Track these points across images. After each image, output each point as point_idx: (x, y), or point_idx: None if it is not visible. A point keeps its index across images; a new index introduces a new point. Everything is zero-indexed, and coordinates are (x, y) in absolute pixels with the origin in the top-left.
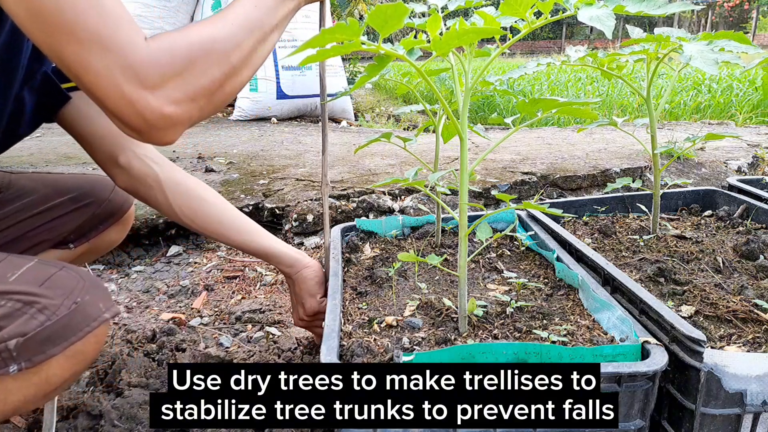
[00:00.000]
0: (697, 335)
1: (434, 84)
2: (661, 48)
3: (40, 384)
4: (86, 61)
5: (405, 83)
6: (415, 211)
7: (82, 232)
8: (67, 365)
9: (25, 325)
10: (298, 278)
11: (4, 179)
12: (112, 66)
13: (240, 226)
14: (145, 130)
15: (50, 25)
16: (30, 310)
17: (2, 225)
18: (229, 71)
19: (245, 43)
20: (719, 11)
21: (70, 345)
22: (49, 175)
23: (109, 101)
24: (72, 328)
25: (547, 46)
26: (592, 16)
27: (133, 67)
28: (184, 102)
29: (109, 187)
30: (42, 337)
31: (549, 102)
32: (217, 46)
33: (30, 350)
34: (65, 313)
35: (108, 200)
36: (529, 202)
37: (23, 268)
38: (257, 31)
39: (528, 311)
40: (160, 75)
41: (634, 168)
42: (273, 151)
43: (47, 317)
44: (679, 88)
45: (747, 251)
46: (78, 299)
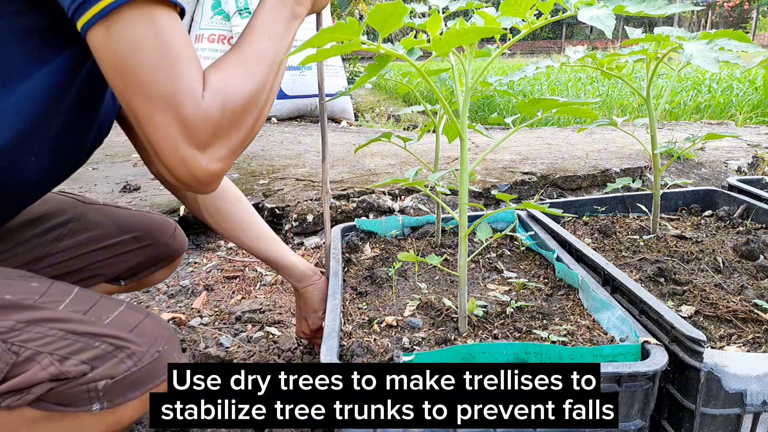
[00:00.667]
0: (697, 335)
1: (434, 84)
2: (660, 48)
3: (113, 423)
4: (152, 114)
5: (405, 83)
6: (415, 211)
7: (136, 270)
8: (139, 408)
9: (115, 368)
10: (305, 293)
11: (76, 209)
12: (173, 123)
13: (259, 234)
14: (193, 185)
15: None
16: (120, 354)
17: (67, 255)
18: (259, 115)
19: (268, 81)
20: (719, 11)
21: (148, 390)
22: (117, 209)
23: (164, 156)
24: (153, 375)
25: (547, 46)
26: (593, 16)
27: (189, 126)
28: (228, 157)
29: (170, 230)
30: (128, 381)
31: (549, 102)
32: (254, 97)
33: (114, 392)
34: (149, 360)
35: (167, 244)
36: (529, 202)
37: (116, 312)
38: (275, 64)
39: (528, 311)
40: (212, 134)
41: (634, 168)
42: (273, 151)
43: (134, 363)
44: (679, 88)
45: (747, 251)
46: (160, 348)
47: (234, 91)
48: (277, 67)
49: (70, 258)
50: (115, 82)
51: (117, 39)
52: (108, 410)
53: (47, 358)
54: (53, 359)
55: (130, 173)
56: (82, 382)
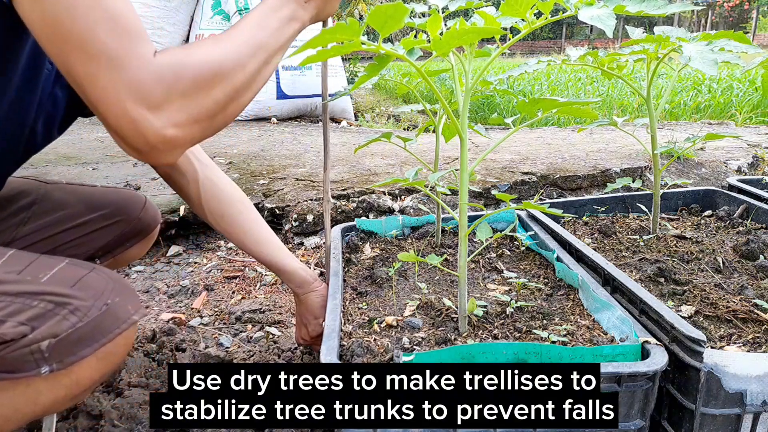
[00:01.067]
0: (697, 335)
1: (434, 84)
2: (660, 48)
3: (70, 385)
4: (94, 75)
5: (405, 83)
6: (415, 211)
7: (109, 248)
8: (97, 366)
9: (57, 326)
10: (306, 300)
11: (39, 190)
12: (118, 82)
13: (262, 238)
14: (145, 151)
15: (61, 37)
16: (62, 311)
17: (35, 237)
18: (232, 94)
19: (249, 65)
20: (719, 11)
21: (101, 346)
22: (82, 188)
23: (111, 118)
24: (103, 329)
25: (547, 46)
26: (593, 15)
27: (138, 85)
28: (187, 124)
29: (139, 205)
30: (74, 338)
31: (549, 102)
32: (223, 69)
33: (62, 351)
34: (96, 314)
35: (138, 219)
36: (529, 202)
37: (55, 268)
38: (261, 52)
39: (528, 311)
40: (165, 95)
41: (634, 168)
42: (273, 151)
43: (79, 318)
44: (679, 88)
45: (747, 251)
46: (108, 301)
47: (197, 57)
48: (264, 56)
49: (39, 240)
50: (51, 46)
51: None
52: (60, 372)
53: None
54: None
55: (130, 173)
56: (23, 344)
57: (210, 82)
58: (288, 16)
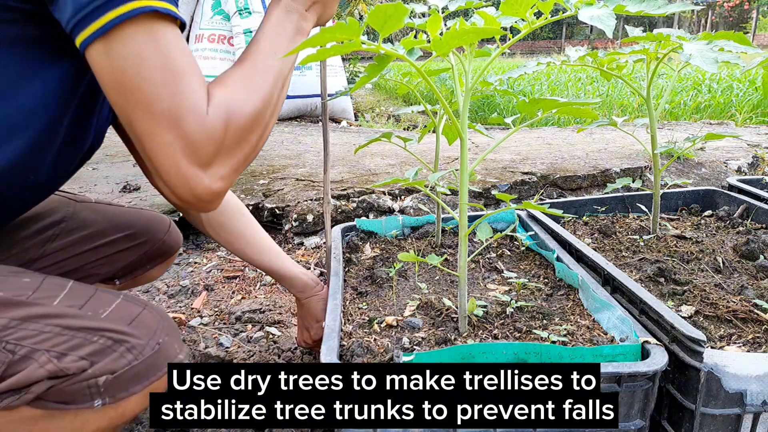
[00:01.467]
0: (697, 335)
1: (434, 84)
2: (660, 48)
3: (115, 417)
4: (154, 132)
5: (405, 83)
6: (415, 211)
7: (131, 268)
8: (141, 401)
9: (114, 363)
10: (307, 304)
11: (68, 207)
12: (175, 141)
13: (262, 247)
14: (195, 204)
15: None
16: (120, 348)
17: (62, 255)
18: (264, 133)
19: (273, 97)
20: (719, 11)
21: (150, 384)
22: (110, 207)
23: (165, 174)
24: (154, 367)
25: (547, 46)
26: (593, 15)
27: (192, 145)
28: (231, 176)
29: (164, 227)
30: (129, 375)
31: (549, 102)
32: (259, 114)
33: (116, 387)
34: (150, 353)
35: (162, 241)
36: (529, 202)
37: (113, 305)
38: (280, 80)
39: (528, 311)
40: (215, 151)
41: (634, 168)
42: (273, 151)
43: (134, 357)
44: (679, 88)
45: (747, 251)
46: (160, 340)
47: (239, 108)
48: (282, 83)
49: (65, 258)
50: (116, 98)
51: (118, 56)
52: (110, 405)
53: (44, 356)
54: (51, 356)
55: (130, 173)
56: (82, 378)
57: (251, 131)
58: (293, 30)
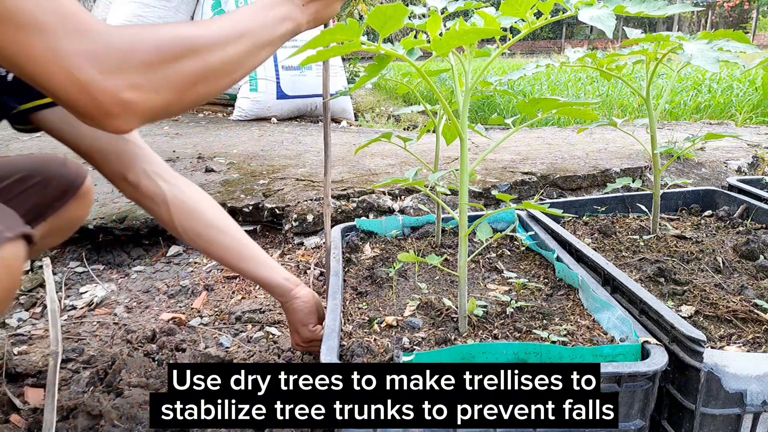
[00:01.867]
0: (697, 335)
1: (434, 84)
2: (660, 48)
3: None
4: (29, 47)
5: (405, 83)
6: (415, 211)
7: (38, 212)
8: None
9: None
10: (290, 308)
11: None
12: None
13: (241, 253)
14: (98, 116)
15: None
16: None
17: None
18: (204, 70)
19: (230, 48)
20: (719, 11)
21: None
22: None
23: (59, 89)
24: None
25: (547, 46)
26: (593, 16)
27: (87, 52)
28: (146, 90)
29: (56, 163)
30: None
31: (549, 102)
32: (195, 44)
33: None
34: None
35: (57, 177)
36: (529, 202)
37: None
38: (245, 40)
39: (528, 311)
40: (120, 60)
41: (634, 168)
42: (273, 151)
43: None
44: (678, 88)
45: (747, 251)
46: None
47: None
48: (248, 47)
49: None
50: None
51: None
52: None
53: None
54: None
55: None
56: None
57: (177, 54)
58: (282, 14)
